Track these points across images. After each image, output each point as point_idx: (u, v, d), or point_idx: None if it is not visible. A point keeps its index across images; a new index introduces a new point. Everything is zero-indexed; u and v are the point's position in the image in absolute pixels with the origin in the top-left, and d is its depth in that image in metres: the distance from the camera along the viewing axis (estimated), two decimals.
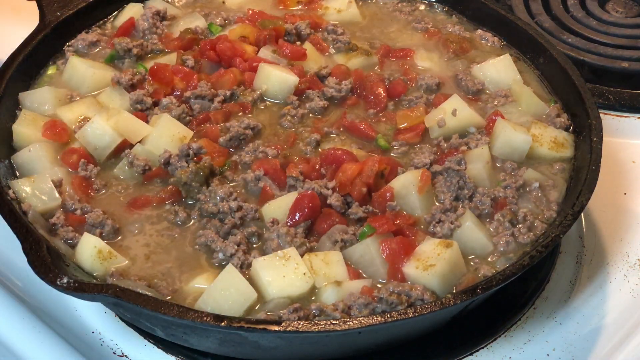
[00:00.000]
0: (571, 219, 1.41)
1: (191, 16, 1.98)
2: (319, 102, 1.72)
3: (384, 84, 1.76)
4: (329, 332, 1.22)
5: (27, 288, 1.55)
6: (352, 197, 1.49)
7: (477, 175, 1.53)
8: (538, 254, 1.35)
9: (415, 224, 1.46)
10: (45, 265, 1.28)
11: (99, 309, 1.51)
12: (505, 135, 1.59)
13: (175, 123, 1.61)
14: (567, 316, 1.53)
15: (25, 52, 1.73)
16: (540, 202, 1.52)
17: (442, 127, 1.64)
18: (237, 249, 1.40)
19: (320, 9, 2.03)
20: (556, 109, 1.71)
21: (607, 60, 2.11)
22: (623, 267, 1.63)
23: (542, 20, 2.26)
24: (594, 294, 1.57)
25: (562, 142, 1.63)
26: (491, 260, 1.43)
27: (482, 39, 1.94)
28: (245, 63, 1.77)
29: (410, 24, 2.00)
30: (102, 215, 1.45)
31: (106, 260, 1.39)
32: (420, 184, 1.48)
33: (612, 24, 2.25)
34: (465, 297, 1.27)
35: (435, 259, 1.36)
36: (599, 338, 1.50)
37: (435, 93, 1.76)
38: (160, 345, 1.46)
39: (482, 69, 1.81)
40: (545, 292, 1.58)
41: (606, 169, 1.54)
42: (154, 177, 1.55)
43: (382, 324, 1.23)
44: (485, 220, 1.49)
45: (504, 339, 1.49)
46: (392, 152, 1.63)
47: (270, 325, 1.21)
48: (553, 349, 1.48)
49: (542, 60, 1.83)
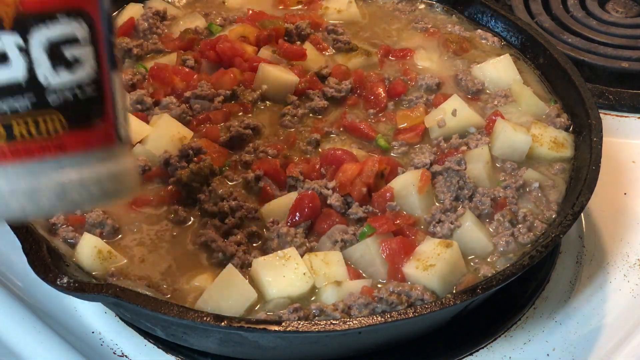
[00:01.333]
0: (571, 219, 1.41)
1: (191, 16, 1.98)
2: (319, 102, 1.72)
3: (384, 84, 1.77)
4: (329, 332, 1.22)
5: (27, 288, 1.55)
6: (352, 197, 1.49)
7: (477, 176, 1.53)
8: (538, 254, 1.35)
9: (415, 224, 1.46)
10: (45, 265, 1.28)
11: (99, 309, 1.51)
12: (505, 135, 1.59)
13: (175, 123, 1.61)
14: (567, 316, 1.53)
15: None
16: (540, 202, 1.52)
17: (442, 127, 1.64)
18: (237, 249, 1.40)
19: (320, 9, 2.03)
20: (556, 109, 1.71)
21: (607, 60, 2.11)
22: (623, 267, 1.63)
23: (542, 20, 2.26)
24: (594, 294, 1.57)
25: (562, 142, 1.63)
26: (491, 260, 1.43)
27: (482, 38, 1.94)
28: (245, 63, 1.77)
29: (410, 23, 2.00)
30: (102, 215, 1.45)
31: (106, 260, 1.39)
32: (420, 184, 1.48)
33: (612, 24, 2.25)
34: (465, 297, 1.27)
35: (435, 259, 1.36)
36: (599, 338, 1.50)
37: (435, 93, 1.76)
38: (160, 345, 1.46)
39: (482, 68, 1.81)
40: (545, 292, 1.58)
41: (606, 169, 1.54)
42: (154, 177, 1.54)
43: (382, 324, 1.23)
44: (485, 221, 1.49)
45: (504, 339, 1.49)
46: (392, 152, 1.63)
47: (270, 325, 1.21)
48: (553, 348, 1.47)
49: (542, 60, 1.83)
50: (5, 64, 0.89)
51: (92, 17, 0.94)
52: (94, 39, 0.94)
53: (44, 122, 0.91)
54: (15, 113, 0.90)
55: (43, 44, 0.90)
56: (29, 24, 0.89)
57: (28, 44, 0.89)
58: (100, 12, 0.95)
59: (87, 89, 0.93)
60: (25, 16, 0.89)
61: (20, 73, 0.89)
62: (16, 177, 0.91)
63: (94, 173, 0.95)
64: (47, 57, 0.90)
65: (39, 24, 0.89)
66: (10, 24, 0.88)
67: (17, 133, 0.90)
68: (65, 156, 0.93)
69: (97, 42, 0.95)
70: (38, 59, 0.90)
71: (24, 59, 0.89)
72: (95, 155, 0.96)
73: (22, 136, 0.90)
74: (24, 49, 0.89)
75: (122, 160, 1.00)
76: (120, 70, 1.01)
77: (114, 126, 0.98)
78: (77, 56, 0.92)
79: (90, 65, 0.94)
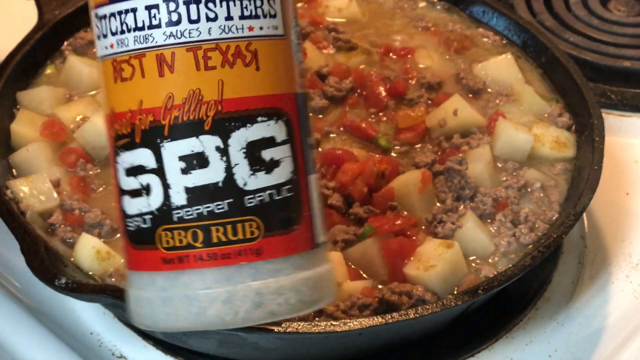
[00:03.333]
0: (573, 220, 1.40)
1: None
2: (319, 101, 1.71)
3: (385, 83, 1.76)
4: (329, 333, 1.21)
5: (25, 288, 1.54)
6: (352, 197, 1.48)
7: (478, 175, 1.53)
8: (540, 254, 1.34)
9: (416, 224, 1.45)
10: (43, 265, 1.27)
11: (97, 309, 1.50)
12: (506, 135, 1.58)
13: None
14: (569, 317, 1.52)
15: (23, 51, 1.72)
16: (542, 202, 1.51)
17: (443, 126, 1.63)
18: None
19: (320, 8, 2.02)
20: (558, 108, 1.70)
21: (610, 59, 2.10)
22: (625, 268, 1.62)
23: (543, 18, 2.25)
24: (596, 295, 1.57)
25: (564, 142, 1.62)
26: (492, 261, 1.42)
27: (483, 37, 1.94)
28: None
29: (411, 22, 1.99)
30: (100, 215, 1.44)
31: (104, 260, 1.38)
32: (421, 184, 1.47)
33: (614, 22, 2.24)
34: (466, 297, 1.27)
35: (436, 260, 1.35)
36: (601, 339, 1.49)
37: (437, 92, 1.75)
38: (159, 346, 1.46)
39: (483, 67, 1.80)
40: (547, 292, 1.57)
41: (608, 169, 1.54)
42: None
43: (382, 325, 1.22)
44: (487, 221, 1.48)
45: (505, 340, 1.48)
46: (393, 152, 1.62)
47: (270, 326, 1.20)
48: (555, 350, 1.47)
49: (543, 59, 1.82)
50: (205, 166, 0.88)
51: (290, 117, 0.93)
52: (291, 140, 0.93)
53: (242, 227, 0.89)
54: (213, 216, 0.89)
55: (242, 145, 0.89)
56: (228, 125, 0.88)
57: (227, 146, 0.88)
58: (298, 113, 0.94)
59: (285, 193, 0.92)
60: (225, 117, 0.88)
61: (219, 175, 0.89)
62: (213, 282, 0.90)
63: (291, 280, 0.93)
64: (245, 158, 0.89)
65: (238, 125, 0.89)
66: (210, 125, 0.88)
67: (215, 237, 0.89)
68: (262, 262, 0.91)
69: (295, 144, 0.94)
70: (236, 161, 0.89)
71: (222, 160, 0.89)
72: (293, 262, 0.93)
73: (219, 240, 0.89)
74: (223, 150, 0.88)
75: (320, 268, 0.97)
76: (317, 173, 1.00)
77: (311, 231, 0.96)
78: (275, 158, 0.91)
79: (289, 167, 0.92)
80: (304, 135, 0.96)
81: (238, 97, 0.89)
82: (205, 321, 0.91)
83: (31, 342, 1.43)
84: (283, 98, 0.93)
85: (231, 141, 0.88)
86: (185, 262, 0.90)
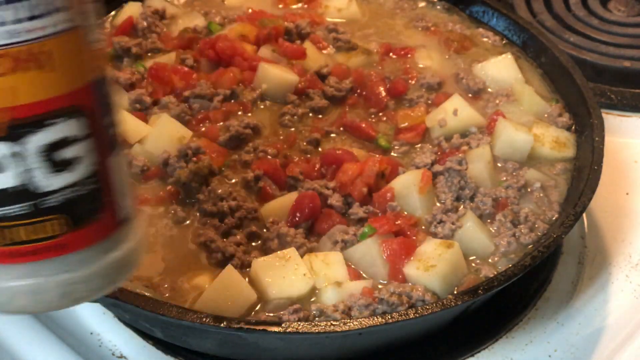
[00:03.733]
0: (573, 219, 1.40)
1: (190, 15, 1.97)
2: (319, 101, 1.71)
3: (385, 83, 1.76)
4: (329, 333, 1.21)
5: None
6: (352, 198, 1.48)
7: (478, 175, 1.53)
8: (540, 254, 1.34)
9: (416, 224, 1.45)
10: None
11: (97, 309, 1.50)
12: (506, 135, 1.58)
13: (175, 123, 1.60)
14: (569, 317, 1.52)
15: None
16: (542, 202, 1.51)
17: (443, 126, 1.63)
18: (237, 249, 1.39)
19: (320, 8, 2.02)
20: (558, 108, 1.70)
21: (609, 60, 2.10)
22: (625, 268, 1.62)
23: (543, 19, 2.25)
24: (596, 295, 1.57)
25: (564, 142, 1.62)
26: (492, 261, 1.42)
27: (483, 37, 1.94)
28: (244, 62, 1.76)
29: (411, 22, 2.00)
30: None
31: None
32: (421, 184, 1.47)
33: (614, 22, 2.25)
34: (466, 297, 1.26)
35: (436, 260, 1.35)
36: (601, 339, 1.49)
37: (436, 92, 1.75)
38: (159, 346, 1.45)
39: (483, 67, 1.80)
40: (547, 292, 1.57)
41: (608, 169, 1.54)
42: (153, 177, 1.54)
43: (382, 325, 1.22)
44: (487, 221, 1.48)
45: (505, 340, 1.48)
46: (393, 152, 1.62)
47: (270, 326, 1.20)
48: (555, 349, 1.47)
49: (543, 59, 1.82)
50: (1, 172, 0.87)
51: (89, 110, 0.91)
52: (92, 133, 0.91)
53: (45, 226, 0.89)
54: (15, 218, 0.89)
55: (39, 149, 0.87)
56: (24, 131, 0.86)
57: (23, 151, 0.87)
58: (97, 100, 0.92)
59: (90, 185, 0.92)
60: (19, 124, 0.86)
61: (17, 180, 0.87)
62: (17, 276, 0.91)
63: (98, 266, 0.94)
64: (45, 161, 0.88)
65: (34, 130, 0.87)
66: (5, 132, 0.86)
67: (19, 236, 0.89)
68: (69, 254, 0.92)
69: (95, 134, 0.92)
70: (35, 165, 0.88)
71: (20, 165, 0.87)
72: (100, 247, 0.94)
73: (25, 240, 0.89)
74: (20, 155, 0.87)
75: (127, 243, 0.98)
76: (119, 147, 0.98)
77: (115, 213, 0.96)
78: (76, 155, 0.90)
79: (90, 159, 0.91)
80: (105, 119, 0.93)
81: (33, 101, 0.86)
82: (11, 309, 0.93)
83: (31, 341, 1.43)
84: (80, 93, 0.90)
85: (28, 146, 0.87)
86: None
